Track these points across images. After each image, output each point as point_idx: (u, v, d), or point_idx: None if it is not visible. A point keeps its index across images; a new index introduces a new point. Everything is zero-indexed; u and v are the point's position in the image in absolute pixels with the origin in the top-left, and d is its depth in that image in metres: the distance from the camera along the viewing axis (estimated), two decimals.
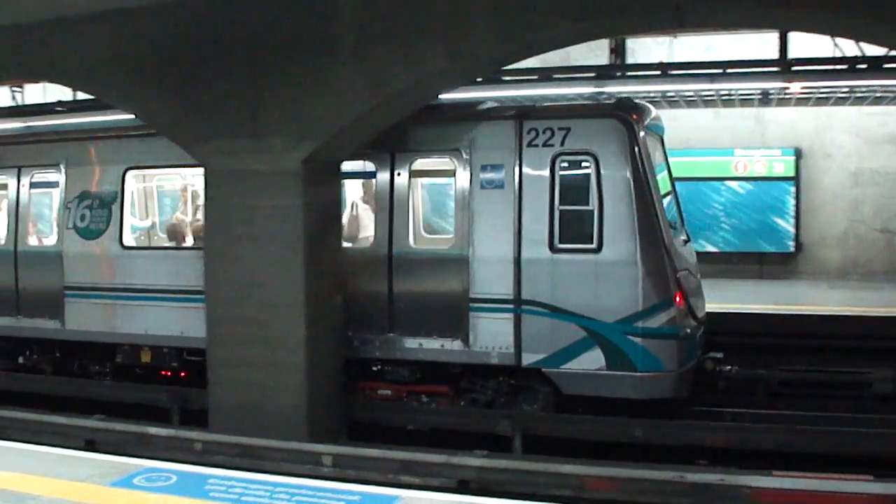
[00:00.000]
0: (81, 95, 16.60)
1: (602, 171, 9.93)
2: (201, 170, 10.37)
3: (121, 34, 10.20)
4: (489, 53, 8.98)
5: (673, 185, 11.59)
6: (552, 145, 10.11)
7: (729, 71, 14.28)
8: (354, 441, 9.88)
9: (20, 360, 13.34)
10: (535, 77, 15.12)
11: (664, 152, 11.47)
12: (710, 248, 18.78)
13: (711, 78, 14.35)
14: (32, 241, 13.29)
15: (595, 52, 17.02)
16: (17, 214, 13.04)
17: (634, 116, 10.16)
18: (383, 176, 10.96)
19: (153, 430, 9.63)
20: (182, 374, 11.98)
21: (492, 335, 10.25)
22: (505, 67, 12.81)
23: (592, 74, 14.96)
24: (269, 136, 9.62)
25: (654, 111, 11.11)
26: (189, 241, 12.67)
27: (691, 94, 16.40)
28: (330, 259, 10.32)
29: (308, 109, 9.48)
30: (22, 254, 12.96)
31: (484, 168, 10.35)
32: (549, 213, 10.09)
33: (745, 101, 17.57)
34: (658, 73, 14.76)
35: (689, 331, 10.17)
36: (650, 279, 9.78)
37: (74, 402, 12.31)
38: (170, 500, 5.57)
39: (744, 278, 18.30)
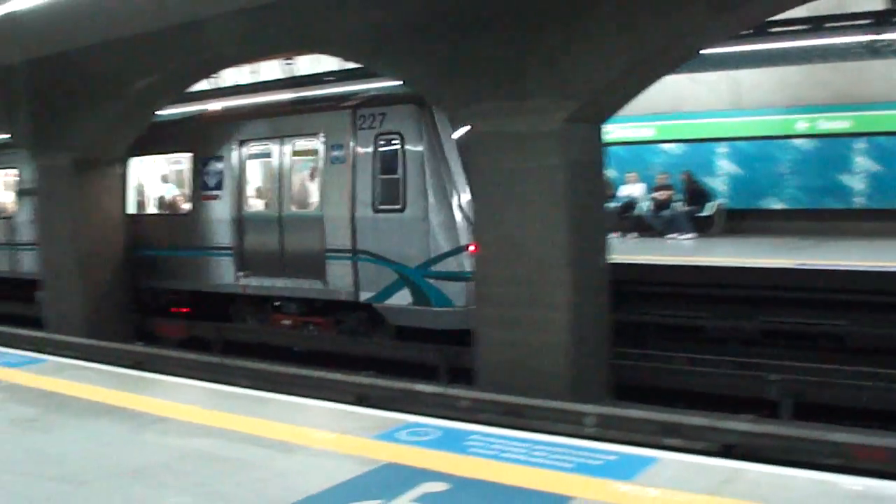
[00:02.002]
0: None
1: (405, 147, 12.57)
2: None
3: (387, 3, 10.74)
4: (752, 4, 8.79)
5: None
6: (374, 128, 12.91)
7: None
8: (618, 401, 10.04)
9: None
10: (807, 27, 14.51)
11: None
12: None
13: None
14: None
15: None
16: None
17: (430, 103, 12.34)
18: (274, 155, 14.35)
19: (420, 387, 10.14)
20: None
21: (340, 277, 13.32)
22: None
23: (868, 21, 14.19)
24: (532, 98, 9.75)
25: None
26: None
27: None
28: (592, 218, 10.39)
29: (569, 70, 9.52)
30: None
31: (333, 147, 13.39)
32: (372, 181, 12.89)
33: None
34: None
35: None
36: (440, 232, 12.27)
37: (346, 358, 13.45)
38: (431, 454, 5.82)
39: None
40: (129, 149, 15.65)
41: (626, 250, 15.26)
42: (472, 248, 11.52)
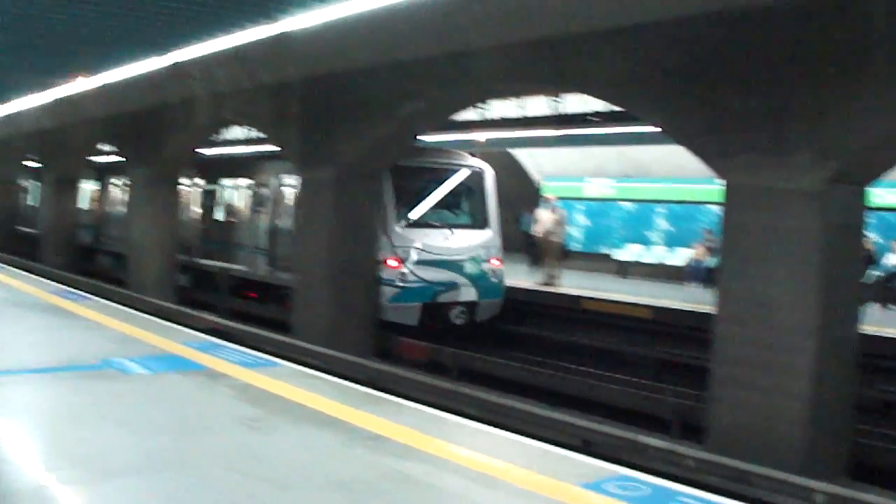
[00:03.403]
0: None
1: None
2: None
3: (638, 49, 10.70)
4: None
5: None
6: None
7: None
8: (854, 482, 9.51)
9: None
10: None
11: None
12: None
13: None
14: None
15: None
16: None
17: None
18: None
19: (647, 439, 9.97)
20: None
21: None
22: None
23: None
24: (791, 154, 9.42)
25: None
26: None
27: None
28: (846, 285, 9.92)
29: (834, 127, 9.15)
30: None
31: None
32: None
33: None
34: None
35: (407, 282, 16.18)
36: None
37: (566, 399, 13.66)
38: None
39: None
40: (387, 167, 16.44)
41: (883, 321, 14.46)
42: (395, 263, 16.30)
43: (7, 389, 8.23)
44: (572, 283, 20.57)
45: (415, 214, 17.13)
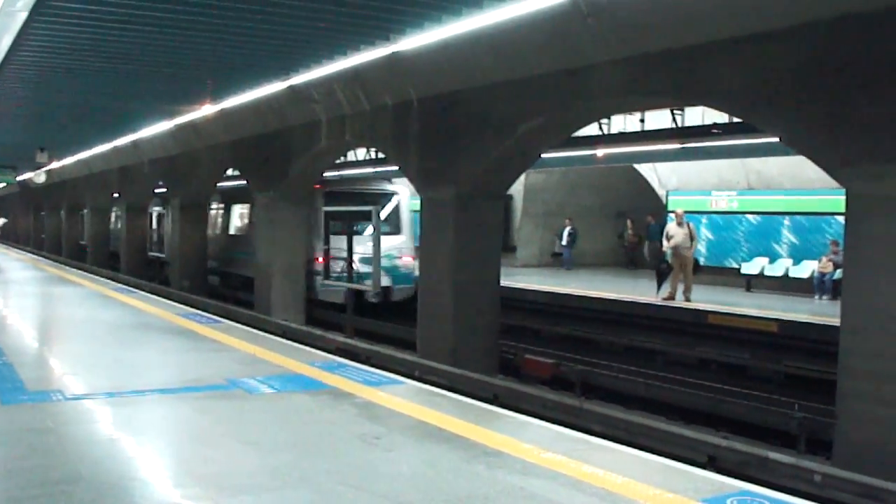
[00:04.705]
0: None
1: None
2: None
3: (759, 58, 10.62)
4: None
5: None
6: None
7: None
8: None
9: None
10: None
11: None
12: None
13: None
14: None
15: None
16: None
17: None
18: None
19: (774, 455, 9.85)
20: None
21: None
22: None
23: None
24: None
25: None
26: None
27: None
28: None
29: None
30: None
31: None
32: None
33: None
34: None
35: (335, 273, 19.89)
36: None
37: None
38: None
39: None
40: (508, 186, 16.56)
41: None
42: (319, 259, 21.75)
43: (136, 409, 8.66)
44: (698, 298, 20.43)
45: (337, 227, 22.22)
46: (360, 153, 31.49)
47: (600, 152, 23.28)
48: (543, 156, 18.37)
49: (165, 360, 11.68)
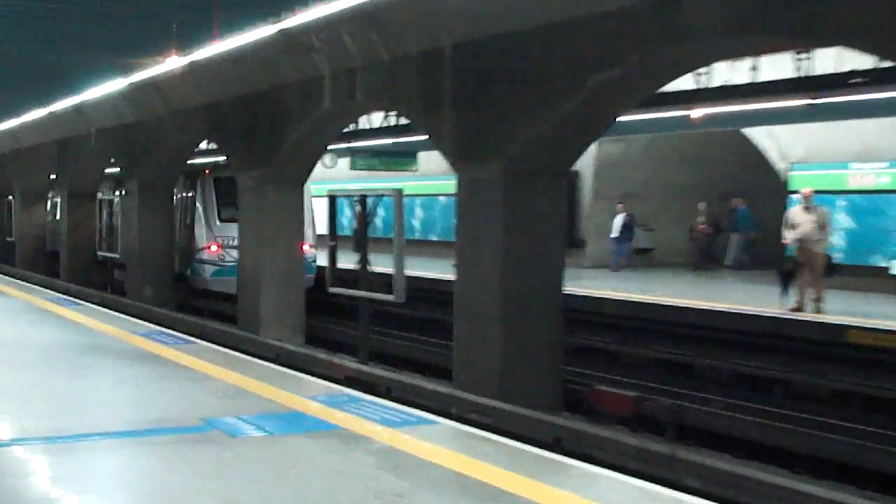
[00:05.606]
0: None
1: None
2: None
3: None
4: None
5: None
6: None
7: None
8: None
9: None
10: None
11: None
12: None
13: None
14: None
15: None
16: None
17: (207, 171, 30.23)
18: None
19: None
20: None
21: None
22: None
23: None
24: None
25: None
26: None
27: None
28: None
29: None
30: None
31: None
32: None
33: None
34: None
35: (224, 262, 28.09)
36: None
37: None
38: None
39: None
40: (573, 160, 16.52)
41: None
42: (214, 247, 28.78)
43: (81, 459, 8.72)
44: (833, 308, 20.24)
45: (229, 214, 28.22)
46: (376, 119, 30.76)
47: (697, 113, 23.07)
48: (621, 119, 18.24)
49: (121, 395, 11.76)
